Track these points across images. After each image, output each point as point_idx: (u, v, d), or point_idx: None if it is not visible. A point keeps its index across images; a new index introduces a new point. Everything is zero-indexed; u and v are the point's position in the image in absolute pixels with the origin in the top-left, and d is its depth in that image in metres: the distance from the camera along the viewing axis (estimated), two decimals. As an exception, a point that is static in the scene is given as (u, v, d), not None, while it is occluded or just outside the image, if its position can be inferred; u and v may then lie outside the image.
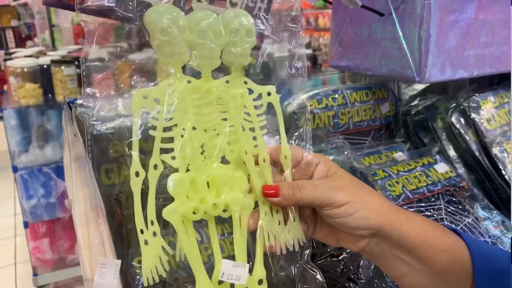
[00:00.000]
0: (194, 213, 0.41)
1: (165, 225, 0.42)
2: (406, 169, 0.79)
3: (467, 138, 0.88)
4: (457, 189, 0.77)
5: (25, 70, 2.13)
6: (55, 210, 2.23)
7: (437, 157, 0.83)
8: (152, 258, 0.39)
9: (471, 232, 0.70)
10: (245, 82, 0.45)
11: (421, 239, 0.43)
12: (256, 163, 0.44)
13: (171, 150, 0.40)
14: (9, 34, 5.39)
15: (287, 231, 0.44)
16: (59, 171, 2.22)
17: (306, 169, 0.46)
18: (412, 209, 0.72)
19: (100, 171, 0.60)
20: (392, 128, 0.95)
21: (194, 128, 0.42)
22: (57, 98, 2.18)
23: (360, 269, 0.57)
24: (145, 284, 0.39)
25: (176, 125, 0.40)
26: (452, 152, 0.91)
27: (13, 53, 2.52)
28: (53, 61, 2.13)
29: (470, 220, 0.72)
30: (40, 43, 4.19)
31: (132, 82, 0.42)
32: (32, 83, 2.13)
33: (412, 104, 1.02)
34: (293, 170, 0.46)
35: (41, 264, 2.27)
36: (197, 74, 0.44)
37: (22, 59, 2.19)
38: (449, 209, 0.73)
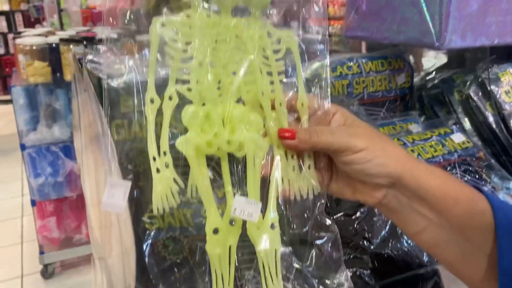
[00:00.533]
0: (207, 146, 0.40)
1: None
2: (421, 138, 0.77)
3: (485, 110, 0.86)
4: (473, 159, 0.75)
5: (34, 48, 2.12)
6: (63, 189, 2.24)
7: (454, 127, 0.81)
8: (163, 187, 0.38)
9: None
10: (264, 25, 0.43)
11: (442, 190, 0.41)
12: (273, 107, 0.43)
13: (187, 82, 0.39)
14: (18, 18, 5.39)
15: (301, 178, 0.42)
16: (67, 150, 2.22)
17: (323, 118, 0.45)
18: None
19: (111, 127, 0.59)
20: (407, 100, 0.93)
21: (211, 63, 0.40)
22: (66, 77, 2.18)
23: (374, 228, 0.55)
24: (154, 212, 0.38)
25: (193, 57, 0.39)
26: (468, 126, 0.89)
27: (23, 32, 2.51)
28: (62, 40, 2.12)
29: (486, 189, 0.70)
30: (48, 26, 4.19)
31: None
32: (41, 61, 2.12)
33: (428, 78, 1.00)
34: (310, 119, 0.45)
35: (47, 243, 2.28)
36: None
37: (32, 37, 2.18)
38: (465, 178, 0.71)
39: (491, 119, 0.85)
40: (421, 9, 0.74)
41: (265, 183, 0.42)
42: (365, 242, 0.54)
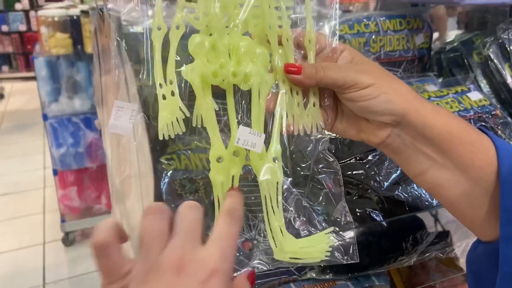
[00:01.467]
0: (213, 77, 0.40)
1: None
2: (437, 95, 0.77)
3: (504, 72, 0.85)
4: (490, 116, 0.75)
5: (56, 19, 2.16)
6: (83, 159, 2.29)
7: (471, 86, 0.80)
8: (168, 113, 0.39)
9: (503, 157, 0.69)
10: None
11: (447, 130, 0.41)
12: (280, 43, 0.43)
13: (194, 10, 0.40)
14: (40, -5, 5.45)
15: (306, 114, 0.43)
16: (88, 122, 2.27)
17: (331, 55, 0.44)
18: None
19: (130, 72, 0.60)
20: (425, 62, 0.92)
21: None
22: (86, 50, 2.21)
23: (385, 172, 0.56)
24: (160, 138, 0.39)
25: None
26: (486, 88, 0.88)
27: (45, 5, 2.55)
28: (82, 12, 2.15)
29: (502, 145, 0.70)
30: (70, 1, 4.23)
31: None
32: (63, 33, 2.16)
33: (447, 40, 0.99)
34: (317, 56, 0.45)
35: (69, 212, 2.35)
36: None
37: (53, 10, 2.22)
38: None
39: (510, 80, 0.84)
40: (441, -37, 0.73)
41: (269, 117, 0.43)
42: (375, 184, 0.55)
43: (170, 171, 0.57)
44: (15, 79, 5.53)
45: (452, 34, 1.84)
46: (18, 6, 5.37)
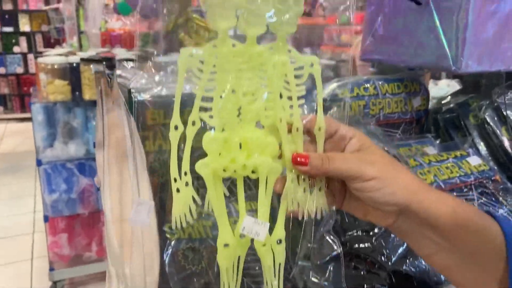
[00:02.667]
0: (224, 170, 0.43)
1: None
2: (438, 160, 0.77)
3: (500, 135, 0.87)
4: (490, 182, 0.75)
5: (55, 67, 2.18)
6: (76, 206, 2.26)
7: (470, 150, 0.82)
8: (182, 205, 0.42)
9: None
10: (289, 51, 0.45)
11: (452, 220, 0.42)
12: (289, 131, 0.44)
13: (210, 109, 0.42)
14: (39, 38, 5.55)
15: (311, 200, 0.44)
16: (82, 167, 2.26)
17: (339, 142, 0.46)
18: (444, 198, 0.70)
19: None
20: (423, 123, 0.94)
21: (233, 91, 0.42)
22: (84, 96, 2.23)
23: (392, 245, 0.56)
24: (173, 227, 0.41)
25: (217, 86, 0.42)
26: (483, 150, 0.89)
27: (44, 52, 2.59)
28: (82, 59, 2.18)
29: (503, 211, 0.71)
30: (68, 47, 4.31)
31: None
32: (62, 80, 2.18)
33: (443, 102, 1.01)
34: (326, 142, 0.46)
35: (58, 260, 2.29)
36: (242, 39, 0.44)
37: (53, 57, 2.25)
38: (481, 200, 0.72)
39: (506, 143, 0.86)
40: (438, 34, 0.76)
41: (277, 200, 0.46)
42: (382, 258, 0.54)
43: (174, 241, 0.56)
44: (10, 120, 5.53)
45: (443, 83, 1.89)
46: (16, 49, 5.46)
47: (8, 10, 5.41)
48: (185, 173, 0.42)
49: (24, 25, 5.50)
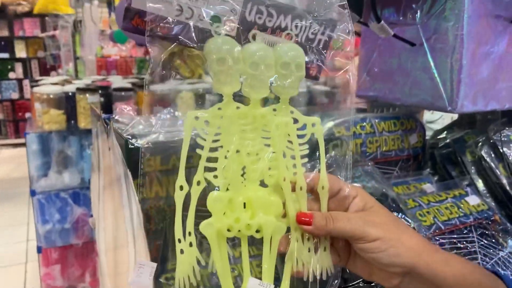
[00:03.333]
0: (228, 230, 0.43)
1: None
2: (437, 200, 0.77)
3: (498, 172, 0.87)
4: (489, 222, 0.75)
5: (51, 96, 2.18)
6: (69, 236, 2.22)
7: (468, 189, 0.81)
8: (186, 266, 0.41)
9: (505, 267, 0.68)
10: (292, 112, 0.46)
11: (458, 280, 0.42)
12: (293, 190, 0.44)
13: (214, 169, 0.42)
14: (35, 65, 5.57)
15: (316, 259, 0.44)
16: (76, 196, 2.23)
17: (343, 201, 0.46)
18: (444, 240, 0.70)
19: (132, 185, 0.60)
20: (420, 160, 0.94)
21: (237, 151, 0.43)
22: (79, 125, 2.22)
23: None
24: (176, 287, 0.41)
25: (221, 146, 0.43)
26: (481, 186, 0.89)
27: (39, 80, 2.59)
28: (78, 89, 2.18)
29: (504, 254, 0.70)
30: (64, 74, 4.33)
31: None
32: (57, 109, 2.17)
33: (439, 137, 1.01)
34: (330, 200, 0.46)
35: (50, 292, 2.24)
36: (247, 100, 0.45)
37: (48, 86, 2.25)
38: (482, 242, 0.71)
39: (504, 181, 0.86)
40: (432, 74, 0.77)
41: (281, 258, 0.45)
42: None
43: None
44: (4, 145, 5.50)
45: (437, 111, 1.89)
46: (12, 75, 5.47)
47: (4, 37, 5.44)
48: (189, 233, 0.42)
49: (20, 51, 5.52)
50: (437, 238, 0.69)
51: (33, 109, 2.25)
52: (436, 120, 2.28)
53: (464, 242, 0.70)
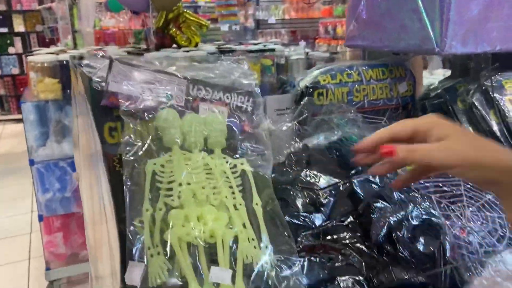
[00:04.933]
0: (187, 235, 0.53)
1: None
2: (423, 146, 0.75)
3: (489, 119, 0.84)
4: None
5: (45, 65, 2.16)
6: (70, 204, 2.24)
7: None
8: (156, 267, 0.51)
9: (491, 209, 0.66)
10: (224, 157, 0.62)
11: None
12: (235, 207, 0.57)
13: (171, 195, 0.56)
14: (33, 39, 5.52)
15: (261, 254, 0.54)
16: (75, 165, 2.24)
17: (424, 136, 0.47)
18: (428, 184, 0.68)
19: (103, 129, 0.58)
20: (410, 109, 0.91)
21: (189, 184, 0.57)
22: (76, 94, 2.21)
23: (368, 234, 0.53)
24: (150, 285, 0.50)
25: (175, 180, 0.57)
26: (472, 135, 0.87)
27: (35, 51, 2.56)
28: (72, 57, 2.16)
29: (490, 197, 0.68)
30: (62, 46, 4.28)
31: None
32: (52, 78, 2.15)
33: (431, 87, 0.99)
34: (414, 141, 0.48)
35: (54, 259, 2.27)
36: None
37: (43, 55, 2.22)
38: (468, 185, 0.69)
39: (495, 127, 0.83)
40: (420, 15, 0.74)
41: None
42: (359, 247, 0.52)
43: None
44: (7, 121, 5.51)
45: (438, 73, 1.87)
46: (11, 49, 5.43)
47: (2, 11, 5.38)
48: (157, 245, 0.52)
49: (19, 26, 5.46)
50: (422, 182, 0.68)
51: (28, 79, 2.23)
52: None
53: (450, 186, 0.68)
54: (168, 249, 0.51)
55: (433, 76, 2.28)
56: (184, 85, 0.62)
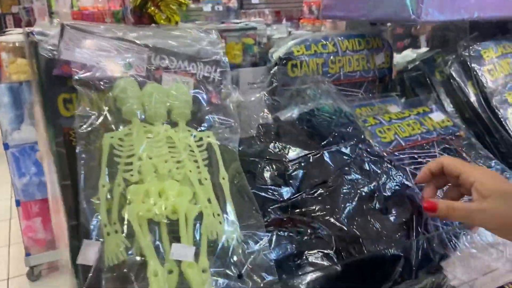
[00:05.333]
0: (148, 211, 0.49)
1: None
2: (399, 117, 0.73)
3: (467, 90, 0.82)
4: (453, 138, 0.71)
5: (17, 45, 2.08)
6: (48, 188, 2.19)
7: (433, 106, 0.77)
8: (113, 246, 0.47)
9: (468, 181, 0.65)
10: (189, 130, 0.58)
11: None
12: (200, 182, 0.53)
13: (131, 170, 0.52)
14: (9, 20, 5.34)
15: (226, 230, 0.51)
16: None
17: (463, 183, 0.48)
18: (403, 156, 0.66)
19: (57, 101, 0.54)
20: (387, 82, 0.89)
21: (150, 158, 0.53)
22: (50, 75, 2.14)
23: (338, 206, 0.51)
24: (106, 264, 0.46)
25: (134, 154, 0.53)
26: (450, 107, 0.85)
27: (8, 31, 2.47)
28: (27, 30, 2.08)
29: (467, 168, 0.67)
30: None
31: None
32: (24, 59, 2.08)
33: (409, 59, 0.96)
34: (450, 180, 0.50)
35: (33, 244, 2.22)
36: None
37: (15, 35, 2.14)
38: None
39: (473, 98, 0.82)
40: (395, -19, 0.71)
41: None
42: (328, 220, 0.50)
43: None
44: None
45: (420, 52, 1.84)
46: (-15, 31, 5.25)
47: (-24, -8, 5.18)
48: (114, 223, 0.48)
49: (-7, 7, 5.28)
50: (396, 154, 0.66)
51: (0, 59, 2.15)
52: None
53: (425, 157, 0.67)
54: (126, 226, 0.47)
55: (416, 55, 2.27)
56: (145, 54, 0.57)
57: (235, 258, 0.48)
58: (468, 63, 0.81)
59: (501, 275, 0.55)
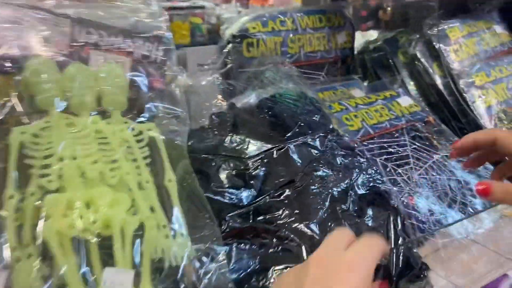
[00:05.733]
0: (72, 228, 0.39)
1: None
2: (365, 103, 0.67)
3: (432, 72, 0.77)
4: (423, 124, 0.66)
5: None
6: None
7: (400, 90, 0.72)
8: (25, 276, 0.37)
9: (439, 170, 0.60)
10: (125, 122, 0.47)
11: None
12: (141, 187, 0.43)
13: (48, 175, 0.41)
14: None
15: (175, 245, 0.41)
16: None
17: None
18: (373, 146, 0.60)
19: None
20: (349, 63, 0.82)
21: (74, 158, 0.43)
22: None
23: (309, 209, 0.44)
24: None
25: (53, 154, 0.42)
26: (414, 91, 0.80)
27: None
28: None
29: (438, 157, 0.62)
30: None
31: None
32: None
33: (370, 39, 0.90)
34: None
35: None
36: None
37: None
38: (414, 146, 0.62)
39: (438, 81, 0.77)
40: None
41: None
42: (297, 227, 0.42)
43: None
44: None
45: (369, 34, 1.81)
46: None
47: None
48: (28, 245, 0.38)
49: None
50: (366, 144, 0.59)
51: None
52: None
53: (396, 147, 0.61)
54: (42, 248, 0.37)
55: (365, 38, 2.24)
56: (68, 27, 0.46)
57: (186, 280, 0.39)
58: (434, 43, 0.76)
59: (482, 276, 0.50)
